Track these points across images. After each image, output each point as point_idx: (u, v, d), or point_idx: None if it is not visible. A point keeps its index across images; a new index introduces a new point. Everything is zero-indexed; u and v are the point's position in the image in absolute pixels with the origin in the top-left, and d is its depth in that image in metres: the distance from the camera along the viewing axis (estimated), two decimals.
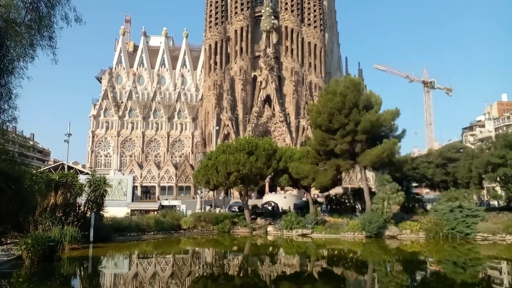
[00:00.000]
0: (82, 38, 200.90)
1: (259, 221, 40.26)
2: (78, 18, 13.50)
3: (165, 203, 53.13)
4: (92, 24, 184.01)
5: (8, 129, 22.19)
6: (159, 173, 78.76)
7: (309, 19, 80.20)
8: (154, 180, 78.79)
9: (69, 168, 51.13)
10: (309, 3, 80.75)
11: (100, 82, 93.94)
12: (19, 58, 13.98)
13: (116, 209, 37.62)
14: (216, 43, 79.10)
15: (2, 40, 13.31)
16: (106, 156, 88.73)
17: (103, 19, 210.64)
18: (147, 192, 77.94)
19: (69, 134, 51.69)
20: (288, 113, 75.93)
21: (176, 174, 78.46)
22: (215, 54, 79.08)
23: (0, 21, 13.32)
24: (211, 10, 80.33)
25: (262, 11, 77.55)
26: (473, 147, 52.61)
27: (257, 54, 78.42)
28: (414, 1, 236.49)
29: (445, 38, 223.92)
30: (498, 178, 37.32)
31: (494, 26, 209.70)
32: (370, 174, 58.44)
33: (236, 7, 79.36)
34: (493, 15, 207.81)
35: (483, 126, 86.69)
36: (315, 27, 79.99)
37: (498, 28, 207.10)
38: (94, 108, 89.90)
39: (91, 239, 27.24)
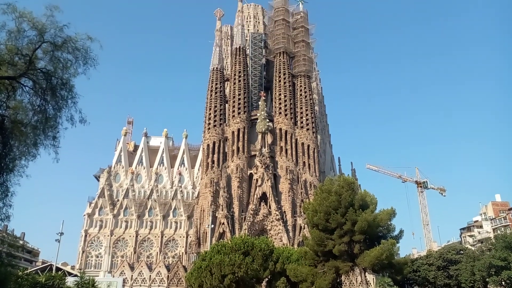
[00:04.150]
0: (83, 138, 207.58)
1: None
2: (83, 119, 14.10)
3: None
4: (94, 124, 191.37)
5: None
6: (150, 276, 74.99)
7: (301, 122, 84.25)
8: (144, 283, 74.72)
9: (58, 269, 49.05)
10: (301, 108, 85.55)
11: (98, 180, 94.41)
12: (21, 156, 13.98)
13: None
14: (214, 143, 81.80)
15: (7, 139, 13.62)
16: (97, 257, 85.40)
17: (106, 120, 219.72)
18: None
19: (61, 233, 50.53)
20: (285, 211, 75.36)
21: (168, 276, 74.72)
22: (213, 153, 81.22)
23: (8, 122, 13.81)
24: (210, 114, 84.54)
25: (258, 114, 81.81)
26: (473, 248, 51.54)
27: (253, 153, 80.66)
28: (400, 103, 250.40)
29: (436, 137, 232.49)
30: (503, 282, 35.97)
31: (482, 128, 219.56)
32: (370, 277, 56.12)
33: (233, 111, 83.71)
34: (480, 114, 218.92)
35: (481, 226, 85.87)
36: (307, 129, 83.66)
37: (487, 129, 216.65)
38: (90, 206, 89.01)
39: None
